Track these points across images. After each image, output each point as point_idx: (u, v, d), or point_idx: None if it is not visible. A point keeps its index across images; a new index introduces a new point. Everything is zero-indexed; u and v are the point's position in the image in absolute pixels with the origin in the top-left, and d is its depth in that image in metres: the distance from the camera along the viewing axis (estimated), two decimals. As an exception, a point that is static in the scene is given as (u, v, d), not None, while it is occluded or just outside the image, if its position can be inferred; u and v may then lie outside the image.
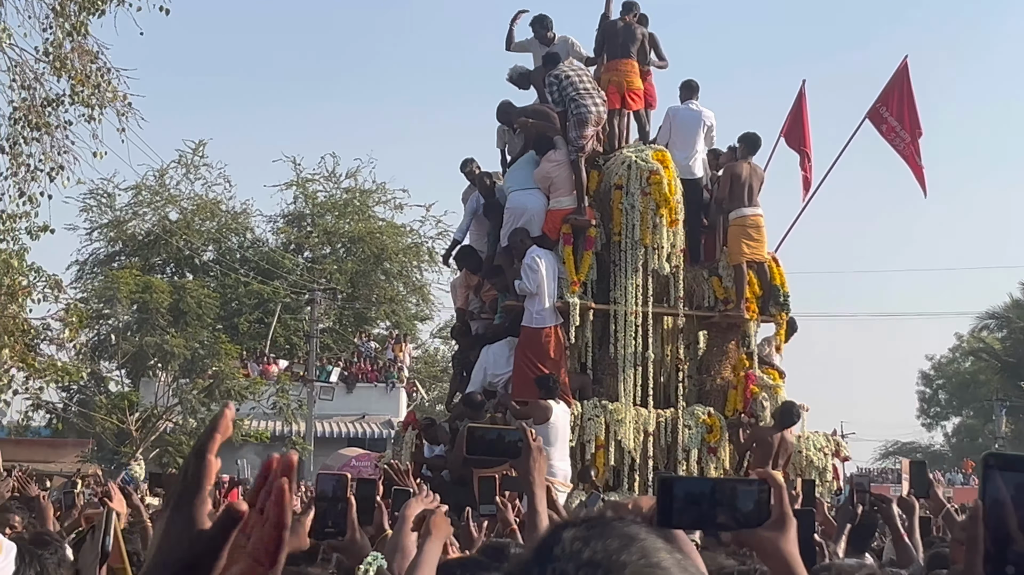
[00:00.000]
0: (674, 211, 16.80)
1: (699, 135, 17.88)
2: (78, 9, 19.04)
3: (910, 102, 19.94)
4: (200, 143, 55.82)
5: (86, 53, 19.29)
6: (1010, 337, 67.02)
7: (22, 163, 19.27)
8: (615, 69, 17.95)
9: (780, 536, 2.68)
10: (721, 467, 16.73)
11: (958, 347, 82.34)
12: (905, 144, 19.94)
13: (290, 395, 45.04)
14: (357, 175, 58.47)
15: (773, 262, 18.02)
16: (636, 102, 18.01)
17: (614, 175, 16.96)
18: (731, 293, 17.35)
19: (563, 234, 16.65)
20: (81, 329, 28.38)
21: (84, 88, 19.12)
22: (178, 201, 55.36)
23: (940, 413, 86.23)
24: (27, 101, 19.25)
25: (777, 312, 17.86)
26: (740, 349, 17.50)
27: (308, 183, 58.39)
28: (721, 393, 17.31)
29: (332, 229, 57.27)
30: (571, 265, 16.59)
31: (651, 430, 16.45)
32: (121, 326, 44.63)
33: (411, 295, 59.57)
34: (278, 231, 58.84)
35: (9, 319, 22.50)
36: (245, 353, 48.07)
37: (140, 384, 45.74)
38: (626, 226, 16.75)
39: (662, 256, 16.76)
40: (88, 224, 54.31)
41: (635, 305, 16.68)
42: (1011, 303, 67.91)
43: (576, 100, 16.61)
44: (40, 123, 19.14)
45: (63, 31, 18.95)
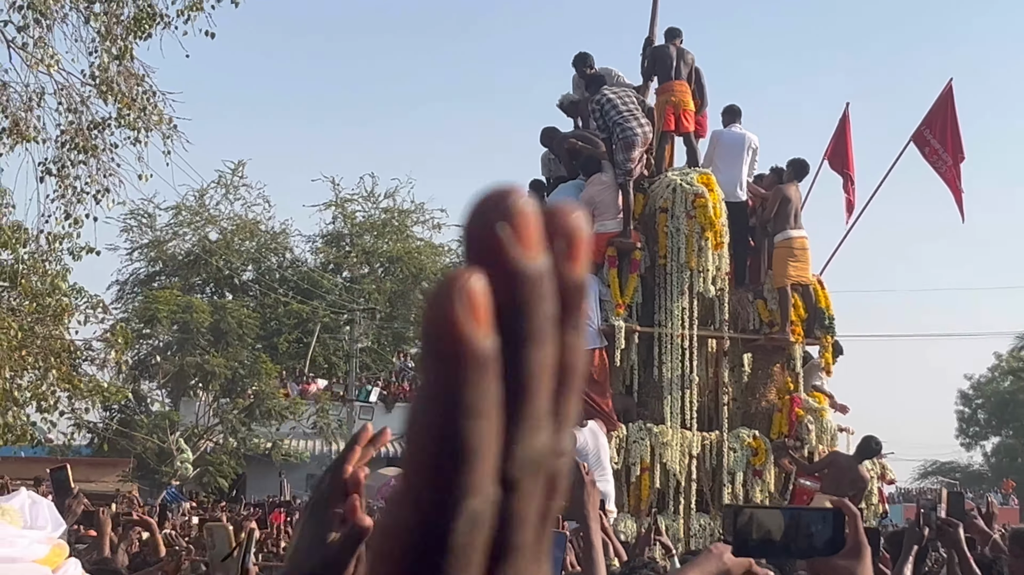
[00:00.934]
0: (719, 234, 16.80)
1: (744, 158, 17.91)
2: (124, 33, 19.17)
3: (954, 126, 19.91)
4: (240, 163, 56.13)
5: (132, 76, 19.42)
6: (1050, 356, 66.68)
7: (69, 185, 19.41)
8: (669, 90, 17.97)
9: (856, 564, 2.71)
10: (766, 490, 16.72)
11: (997, 366, 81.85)
12: (947, 167, 19.91)
13: (330, 415, 45.13)
14: (396, 195, 58.68)
15: (818, 285, 18.01)
16: (688, 123, 18.04)
17: (659, 198, 16.98)
18: (776, 316, 17.33)
19: (608, 257, 16.65)
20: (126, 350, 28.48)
21: (130, 111, 19.26)
22: (218, 221, 55.61)
23: (979, 433, 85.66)
24: (74, 124, 19.39)
25: (822, 335, 17.84)
26: (785, 372, 17.49)
27: (347, 203, 58.59)
28: (766, 416, 17.29)
29: (371, 249, 57.43)
30: (616, 288, 16.61)
31: (696, 453, 16.44)
32: (162, 346, 44.82)
33: (449, 315, 59.66)
34: (317, 251, 59.03)
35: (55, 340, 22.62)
36: (285, 373, 48.19)
37: (181, 404, 45.93)
38: (671, 249, 16.77)
39: (707, 279, 16.76)
40: (129, 244, 54.65)
41: (680, 328, 16.68)
42: (1051, 322, 67.52)
43: (621, 124, 16.63)
44: (87, 146, 19.27)
45: (109, 55, 19.08)
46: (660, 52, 18.40)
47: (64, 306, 23.41)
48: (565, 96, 18.55)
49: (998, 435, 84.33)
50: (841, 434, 17.91)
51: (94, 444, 40.53)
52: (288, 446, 42.79)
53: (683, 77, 18.14)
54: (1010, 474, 74.51)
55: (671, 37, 18.47)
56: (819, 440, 17.15)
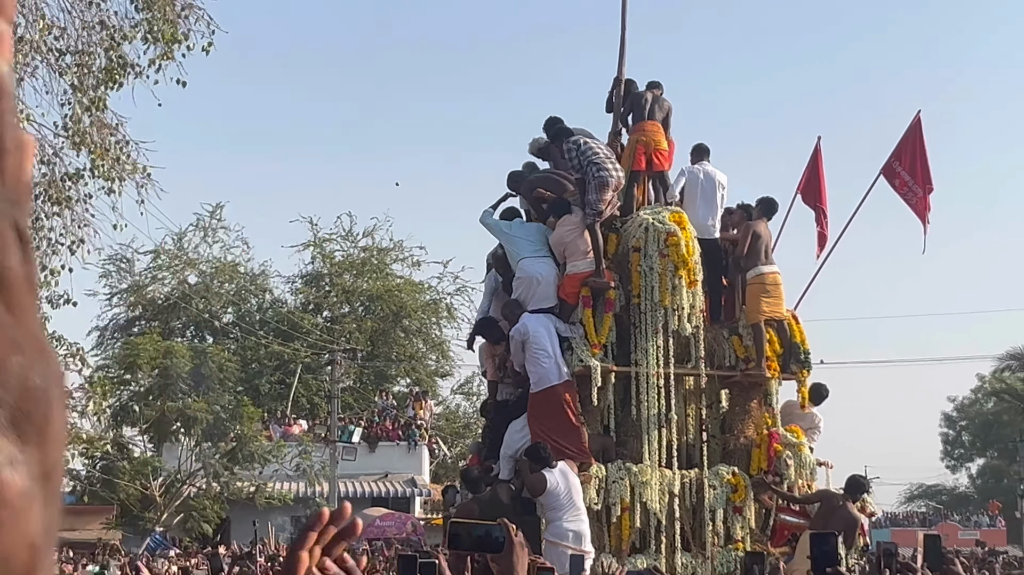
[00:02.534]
0: (692, 272, 16.81)
1: (717, 196, 17.98)
2: (96, 83, 19.16)
3: (922, 157, 19.99)
4: (217, 206, 56.22)
5: (105, 127, 19.40)
6: (1032, 378, 66.86)
7: (43, 237, 19.37)
8: (641, 130, 18.06)
9: None
10: (747, 527, 16.70)
11: (980, 388, 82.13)
12: (918, 199, 19.99)
13: (313, 456, 45.05)
14: (374, 233, 58.74)
15: (792, 319, 18.03)
16: (661, 162, 18.11)
17: (632, 237, 17.00)
18: (752, 352, 17.33)
19: (582, 297, 16.66)
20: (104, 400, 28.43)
21: (104, 162, 19.23)
22: (197, 264, 55.62)
23: (964, 455, 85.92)
24: (47, 176, 19.35)
25: (798, 370, 17.85)
26: (763, 408, 17.49)
27: (325, 243, 58.64)
28: (745, 452, 17.27)
29: (350, 288, 57.48)
30: (591, 328, 16.59)
31: (676, 491, 16.42)
32: (143, 391, 44.73)
33: (431, 352, 59.69)
34: (297, 292, 59.07)
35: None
36: (267, 415, 48.11)
37: (163, 449, 45.81)
38: (645, 288, 16.78)
39: (682, 317, 16.75)
40: (108, 290, 54.62)
41: (656, 366, 16.68)
42: (1032, 344, 67.71)
43: (597, 164, 16.67)
44: (60, 198, 19.23)
45: (81, 106, 19.07)
46: (636, 96, 18.53)
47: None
48: (535, 141, 18.57)
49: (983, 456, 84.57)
50: (820, 468, 17.91)
51: (76, 491, 40.36)
52: (272, 489, 42.68)
53: (656, 119, 18.23)
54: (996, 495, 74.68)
55: (650, 87, 18.61)
56: (798, 475, 17.12)
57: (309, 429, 49.35)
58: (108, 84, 19.13)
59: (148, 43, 18.87)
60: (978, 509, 75.36)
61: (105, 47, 19.05)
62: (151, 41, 18.86)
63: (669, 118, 18.55)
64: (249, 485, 42.21)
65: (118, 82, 19.14)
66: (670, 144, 18.46)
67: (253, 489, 42.00)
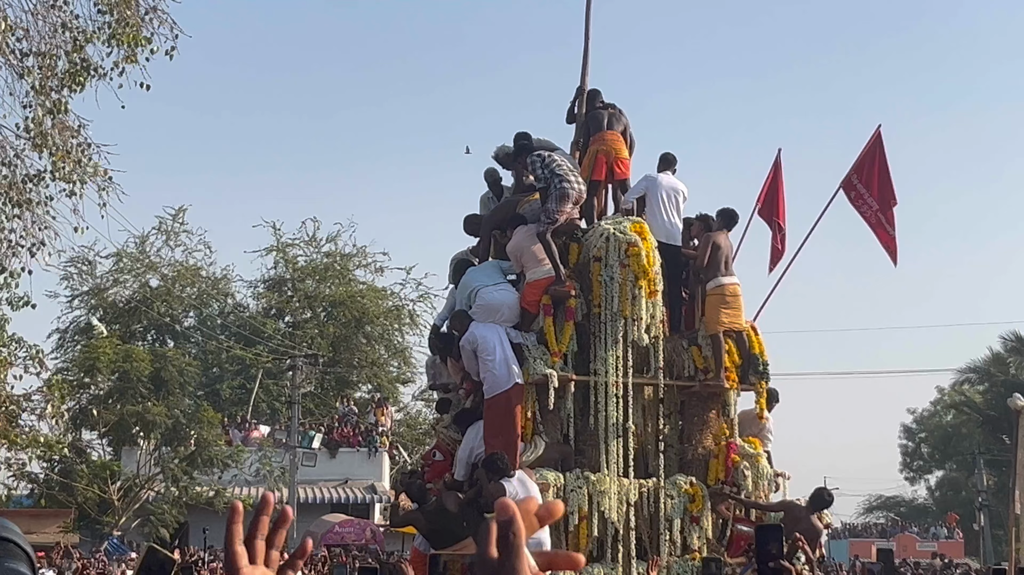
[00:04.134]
0: (653, 282, 16.85)
1: (679, 206, 18.02)
2: (59, 86, 19.09)
3: (883, 170, 20.02)
4: (180, 209, 56.02)
5: (66, 129, 19.33)
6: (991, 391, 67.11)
7: (3, 239, 19.29)
8: (601, 140, 18.12)
9: None
10: (704, 537, 16.74)
11: (940, 401, 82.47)
12: (872, 212, 20.02)
13: (272, 461, 44.92)
14: (337, 239, 58.65)
15: (752, 331, 18.09)
16: (622, 171, 18.18)
17: (593, 247, 17.03)
18: (711, 362, 17.38)
19: (543, 305, 16.67)
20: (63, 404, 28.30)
21: (65, 164, 19.16)
22: (158, 268, 55.41)
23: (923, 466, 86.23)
24: (7, 178, 19.27)
25: (757, 381, 17.91)
26: (721, 418, 17.54)
27: (288, 248, 58.52)
28: (703, 463, 17.31)
29: (313, 293, 57.39)
30: (552, 336, 16.61)
31: (634, 500, 16.44)
32: (102, 395, 44.50)
33: (393, 358, 59.62)
34: (259, 296, 58.91)
35: (-8, 395, 22.48)
36: (227, 420, 47.94)
37: (122, 453, 45.58)
38: (605, 298, 16.81)
39: (641, 327, 16.79)
40: (69, 292, 54.35)
41: (616, 376, 16.71)
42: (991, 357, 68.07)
43: (561, 176, 16.70)
44: (21, 200, 19.15)
45: (43, 108, 18.99)
46: (593, 111, 18.63)
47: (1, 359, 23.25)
48: (501, 148, 18.61)
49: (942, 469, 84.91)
50: (778, 479, 17.97)
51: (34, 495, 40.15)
52: (231, 494, 42.54)
53: (615, 129, 18.30)
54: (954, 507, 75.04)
55: (607, 105, 18.70)
56: (755, 486, 17.18)
57: (269, 434, 49.20)
58: (71, 86, 19.06)
59: (111, 46, 18.82)
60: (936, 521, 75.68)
61: (68, 49, 18.99)
62: (114, 44, 18.81)
63: (628, 131, 18.62)
64: (208, 490, 42.06)
65: (81, 84, 19.07)
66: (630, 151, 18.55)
67: (212, 494, 41.85)
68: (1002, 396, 66.69)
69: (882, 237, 20.16)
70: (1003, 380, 64.22)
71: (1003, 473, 70.68)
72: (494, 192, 19.00)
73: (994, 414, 64.78)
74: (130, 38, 18.71)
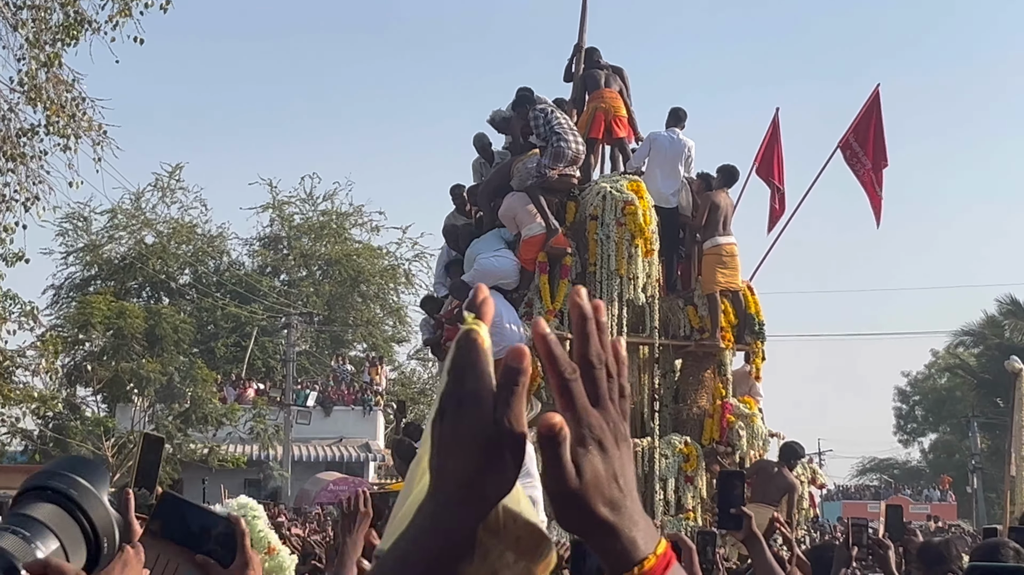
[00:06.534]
0: (649, 241, 16.81)
1: (680, 164, 17.89)
2: (52, 39, 18.99)
3: (878, 130, 19.94)
4: (176, 166, 55.86)
5: (61, 83, 19.24)
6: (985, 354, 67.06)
7: (-4, 194, 19.22)
8: (600, 97, 18.08)
9: None
10: (698, 496, 16.74)
11: (934, 363, 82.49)
12: (865, 171, 19.95)
13: (267, 419, 44.89)
14: (334, 198, 58.53)
15: (748, 291, 18.05)
16: (620, 129, 18.11)
17: (589, 205, 16.97)
18: (706, 322, 17.35)
19: (538, 263, 16.63)
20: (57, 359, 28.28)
21: (59, 118, 19.07)
22: (154, 225, 55.27)
23: (917, 429, 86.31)
24: (1, 132, 19.19)
25: (752, 341, 17.89)
26: (716, 378, 17.51)
27: (284, 206, 58.39)
28: (697, 422, 17.30)
29: (309, 252, 57.29)
30: (547, 294, 16.57)
31: (628, 459, 16.42)
32: (97, 351, 44.41)
33: (388, 317, 59.59)
34: (254, 254, 58.81)
35: (-16, 349, 22.43)
36: (221, 378, 47.88)
37: (116, 410, 45.53)
38: (601, 256, 16.76)
39: (637, 286, 16.75)
40: (64, 248, 54.23)
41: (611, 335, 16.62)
42: (986, 320, 68.02)
43: (559, 135, 16.59)
44: (15, 154, 19.07)
45: (38, 62, 18.89)
46: (591, 71, 18.57)
47: (-5, 313, 23.20)
48: (496, 112, 18.51)
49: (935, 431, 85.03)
50: (772, 439, 17.96)
51: (28, 451, 40.14)
52: (225, 452, 42.54)
53: (613, 87, 18.25)
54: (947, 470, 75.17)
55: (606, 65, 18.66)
56: (750, 446, 17.18)
57: (264, 392, 49.17)
58: (65, 40, 18.96)
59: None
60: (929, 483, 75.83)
61: (62, 2, 18.89)
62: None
63: (625, 92, 18.55)
64: (202, 447, 42.04)
65: (75, 38, 18.98)
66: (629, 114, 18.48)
67: (206, 451, 41.82)
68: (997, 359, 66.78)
69: (872, 197, 20.10)
70: (998, 343, 64.17)
71: (997, 436, 70.83)
72: (484, 157, 18.95)
73: (988, 377, 64.81)
74: (124, -9, 18.62)
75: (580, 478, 1.26)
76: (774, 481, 15.86)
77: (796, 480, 16.36)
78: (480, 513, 1.30)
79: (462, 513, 1.29)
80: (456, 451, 1.28)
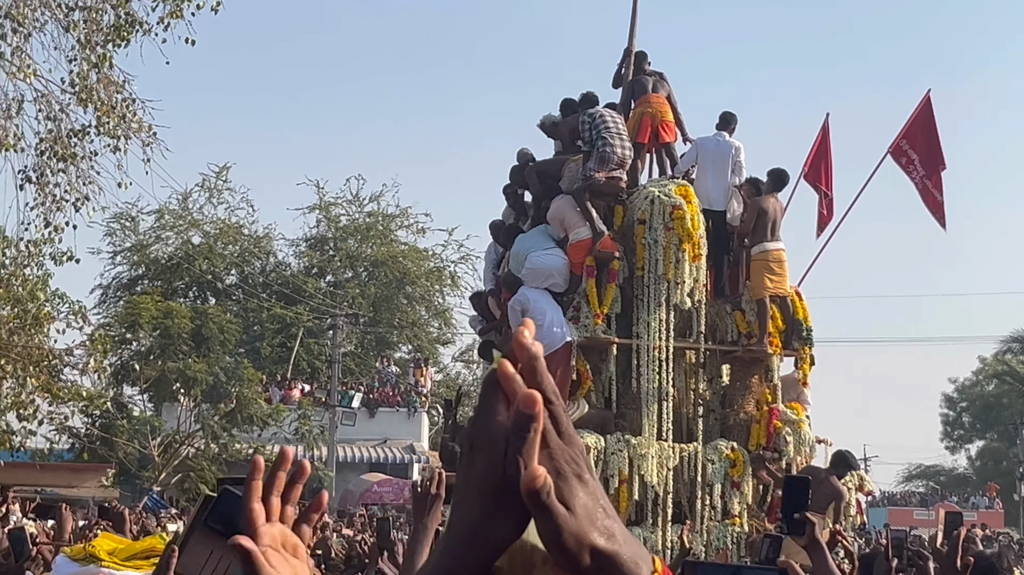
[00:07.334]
0: (697, 246, 16.77)
1: (728, 168, 17.84)
2: (104, 40, 19.08)
3: (931, 135, 19.87)
4: (224, 167, 56.13)
5: (111, 84, 19.33)
6: (1034, 360, 66.80)
7: (49, 193, 19.32)
8: (647, 102, 18.06)
9: None
10: (744, 502, 16.68)
11: (981, 370, 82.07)
12: (919, 177, 19.88)
13: (312, 420, 45.01)
14: (380, 199, 58.65)
15: (796, 296, 17.98)
16: (667, 134, 18.10)
17: (637, 210, 16.94)
18: (754, 327, 17.29)
19: (586, 267, 16.63)
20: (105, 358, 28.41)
21: (109, 119, 19.16)
22: (201, 225, 55.55)
23: (964, 436, 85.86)
24: (53, 132, 19.30)
25: (800, 346, 17.81)
26: (763, 383, 17.44)
27: (331, 207, 58.56)
28: (744, 428, 17.24)
29: (355, 253, 57.45)
30: (594, 298, 16.55)
31: (674, 465, 16.40)
32: (144, 351, 44.69)
33: (433, 319, 59.69)
34: (300, 255, 59.00)
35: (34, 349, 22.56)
36: (266, 378, 48.06)
37: (162, 409, 45.80)
38: (649, 261, 16.72)
39: (684, 291, 16.72)
40: (112, 248, 54.57)
41: (658, 339, 16.64)
42: (1034, 326, 67.64)
43: (605, 139, 16.55)
44: (66, 154, 19.18)
45: (89, 63, 18.99)
46: (639, 77, 18.57)
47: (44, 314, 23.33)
48: (547, 117, 18.52)
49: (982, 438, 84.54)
50: (820, 445, 17.90)
51: (75, 449, 40.38)
52: (270, 452, 42.69)
53: (661, 92, 18.24)
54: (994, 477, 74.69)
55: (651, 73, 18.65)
56: (797, 452, 17.10)
57: (309, 393, 49.33)
58: (116, 41, 19.05)
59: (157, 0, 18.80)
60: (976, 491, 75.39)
61: (114, 3, 18.98)
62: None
63: (672, 98, 18.52)
64: (247, 447, 42.21)
65: (126, 39, 19.06)
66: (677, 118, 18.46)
67: (251, 451, 41.96)
68: (1045, 366, 66.47)
69: (930, 202, 20.01)
70: (1046, 350, 63.85)
71: (1044, 444, 70.42)
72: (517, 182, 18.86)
73: (1036, 384, 64.47)
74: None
75: (573, 514, 1.24)
76: (822, 488, 15.73)
77: (844, 487, 16.24)
78: (484, 558, 1.29)
79: (468, 556, 1.28)
80: (467, 494, 1.28)
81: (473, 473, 1.26)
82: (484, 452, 1.25)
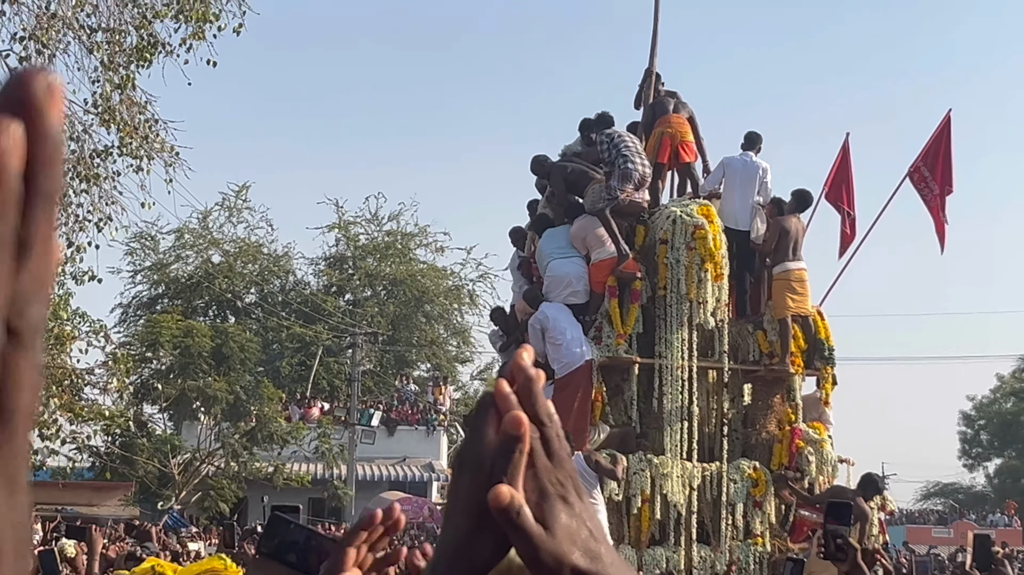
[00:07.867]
0: (719, 265, 16.81)
1: (755, 188, 17.87)
2: (127, 61, 19.19)
3: (946, 156, 19.91)
4: (243, 186, 56.24)
5: (134, 105, 19.43)
6: (1052, 379, 66.65)
7: (71, 213, 19.41)
8: (667, 122, 18.10)
9: None
10: (767, 521, 16.69)
11: (1000, 388, 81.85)
12: (933, 196, 19.92)
13: (332, 439, 45.03)
14: (399, 218, 58.74)
15: (818, 316, 18.00)
16: (687, 154, 18.13)
17: (659, 229, 17.00)
18: (776, 347, 17.31)
19: (608, 287, 16.67)
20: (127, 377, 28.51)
21: (132, 140, 19.26)
22: (221, 244, 55.67)
23: (982, 454, 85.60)
24: (76, 153, 19.39)
25: (822, 366, 17.82)
26: (785, 403, 17.46)
27: (350, 226, 58.65)
28: (766, 447, 17.26)
29: (374, 272, 57.52)
30: (617, 318, 16.60)
31: (696, 484, 16.42)
32: (164, 370, 44.77)
33: (452, 338, 59.74)
34: (320, 274, 59.11)
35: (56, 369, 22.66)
36: (286, 397, 48.11)
37: (183, 428, 45.86)
38: (671, 280, 16.77)
39: (707, 310, 16.76)
40: (132, 267, 54.70)
41: (680, 359, 16.67)
42: (1054, 345, 67.48)
43: (626, 156, 16.65)
44: (89, 175, 19.27)
45: (112, 84, 19.10)
46: (660, 98, 18.64)
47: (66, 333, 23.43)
48: (568, 147, 18.65)
49: (1001, 456, 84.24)
50: (842, 465, 17.88)
51: (96, 467, 40.47)
52: (289, 470, 42.74)
53: (682, 113, 18.29)
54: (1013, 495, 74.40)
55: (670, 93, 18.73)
56: (819, 471, 17.11)
57: (328, 411, 49.37)
58: (138, 62, 19.15)
59: (179, 22, 18.90)
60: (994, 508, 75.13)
61: (136, 25, 19.08)
62: (182, 20, 18.90)
63: (694, 119, 18.57)
64: (267, 466, 42.25)
65: (148, 60, 19.16)
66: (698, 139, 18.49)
67: (271, 470, 42.04)
68: (1064, 384, 66.26)
69: (937, 222, 20.06)
70: (1065, 368, 63.67)
71: (1064, 462, 70.23)
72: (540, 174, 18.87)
73: (1055, 402, 64.33)
74: (198, 15, 18.79)
75: (552, 534, 1.24)
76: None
77: (868, 508, 16.24)
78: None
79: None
80: (454, 514, 1.28)
81: (460, 493, 1.26)
82: (470, 472, 1.25)
